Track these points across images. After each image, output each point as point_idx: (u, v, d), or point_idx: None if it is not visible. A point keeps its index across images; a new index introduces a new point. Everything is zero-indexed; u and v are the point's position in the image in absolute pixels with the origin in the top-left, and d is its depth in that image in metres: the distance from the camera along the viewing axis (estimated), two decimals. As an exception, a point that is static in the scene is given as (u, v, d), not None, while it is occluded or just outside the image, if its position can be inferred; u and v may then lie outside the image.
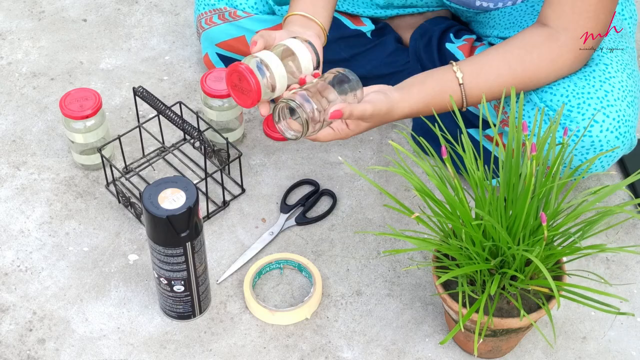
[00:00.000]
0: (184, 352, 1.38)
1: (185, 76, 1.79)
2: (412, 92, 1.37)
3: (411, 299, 1.45)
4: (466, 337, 1.35)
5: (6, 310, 1.43)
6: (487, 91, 1.39)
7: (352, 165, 1.61)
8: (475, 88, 1.38)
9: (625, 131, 1.41)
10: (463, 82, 1.38)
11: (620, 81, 1.42)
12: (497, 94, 1.40)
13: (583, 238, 1.23)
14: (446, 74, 1.39)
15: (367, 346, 1.39)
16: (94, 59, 1.82)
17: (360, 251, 1.51)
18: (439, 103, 1.38)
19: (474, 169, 1.25)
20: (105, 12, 1.92)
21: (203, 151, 1.54)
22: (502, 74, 1.38)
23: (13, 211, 1.56)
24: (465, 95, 1.39)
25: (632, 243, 1.52)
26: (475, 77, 1.38)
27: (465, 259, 1.25)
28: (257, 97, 1.31)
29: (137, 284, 1.46)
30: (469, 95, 1.39)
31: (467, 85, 1.38)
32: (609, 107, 1.40)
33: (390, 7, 1.68)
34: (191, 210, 1.26)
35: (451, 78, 1.38)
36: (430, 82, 1.38)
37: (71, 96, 1.55)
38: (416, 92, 1.37)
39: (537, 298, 1.28)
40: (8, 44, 1.85)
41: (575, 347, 1.40)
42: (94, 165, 1.60)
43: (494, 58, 1.39)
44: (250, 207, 1.57)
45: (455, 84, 1.38)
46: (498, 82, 1.38)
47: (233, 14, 1.67)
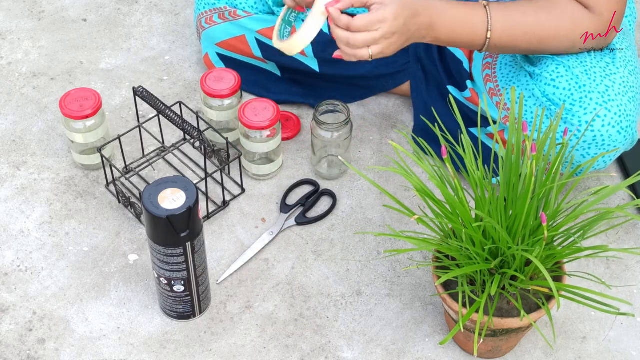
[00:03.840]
0: (184, 352, 1.38)
1: (185, 76, 1.78)
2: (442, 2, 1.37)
3: (411, 299, 1.45)
4: (466, 337, 1.35)
5: (6, 310, 1.43)
6: (510, 29, 1.38)
7: (352, 165, 1.61)
8: (500, 18, 1.37)
9: (627, 126, 1.41)
10: (488, 5, 1.37)
11: (622, 77, 1.42)
12: (518, 37, 1.39)
13: (583, 238, 1.23)
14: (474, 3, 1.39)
15: (367, 346, 1.39)
16: (94, 59, 1.82)
17: (360, 251, 1.51)
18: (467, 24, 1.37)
19: (474, 169, 1.25)
20: (105, 12, 1.92)
21: (203, 151, 1.54)
22: (527, 13, 1.37)
23: (13, 211, 1.56)
24: (490, 21, 1.37)
25: (632, 243, 1.52)
26: (502, 8, 1.37)
27: (465, 259, 1.25)
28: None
29: (137, 284, 1.46)
30: (494, 21, 1.37)
31: (493, 10, 1.37)
32: (611, 102, 1.40)
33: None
34: (191, 210, 1.26)
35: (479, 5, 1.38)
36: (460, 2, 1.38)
37: (71, 96, 1.55)
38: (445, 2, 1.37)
39: (537, 298, 1.28)
40: (8, 44, 1.85)
41: (575, 347, 1.39)
42: (94, 165, 1.60)
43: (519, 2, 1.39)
44: (250, 207, 1.57)
45: (481, 8, 1.37)
46: (522, 22, 1.37)
47: (233, 14, 1.67)
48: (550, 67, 1.43)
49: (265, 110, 1.54)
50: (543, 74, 1.44)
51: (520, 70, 1.50)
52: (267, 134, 1.54)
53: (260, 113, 1.53)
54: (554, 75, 1.43)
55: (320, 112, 1.56)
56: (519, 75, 1.50)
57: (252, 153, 1.57)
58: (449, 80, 1.62)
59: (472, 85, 1.58)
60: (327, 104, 1.56)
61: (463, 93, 1.59)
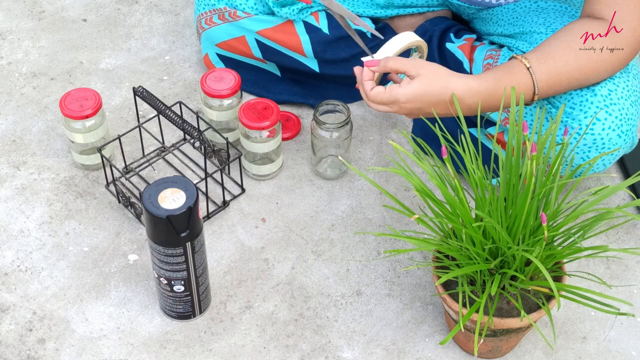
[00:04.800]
0: (184, 352, 1.38)
1: (185, 76, 1.79)
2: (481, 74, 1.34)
3: (411, 299, 1.45)
4: (466, 337, 1.35)
5: (6, 310, 1.43)
6: (556, 79, 1.35)
7: (352, 165, 1.61)
8: (544, 73, 1.35)
9: (627, 130, 1.41)
10: (531, 66, 1.34)
11: (626, 81, 1.42)
12: (564, 82, 1.36)
13: (583, 238, 1.23)
14: (512, 63, 1.36)
15: (367, 346, 1.39)
16: (94, 59, 1.82)
17: (360, 251, 1.51)
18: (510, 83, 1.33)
19: (474, 169, 1.25)
20: (105, 12, 1.92)
21: (203, 151, 1.54)
22: (569, 62, 1.35)
23: (13, 211, 1.56)
24: (535, 80, 1.34)
25: (632, 243, 1.52)
26: (543, 62, 1.35)
27: (465, 259, 1.25)
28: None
29: (137, 284, 1.46)
30: (538, 80, 1.34)
31: (537, 71, 1.34)
32: (612, 106, 1.40)
33: (390, 6, 1.68)
34: (191, 210, 1.26)
35: (518, 64, 1.35)
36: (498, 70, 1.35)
37: (71, 96, 1.55)
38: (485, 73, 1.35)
39: (537, 298, 1.28)
40: (8, 44, 1.85)
41: (575, 347, 1.39)
42: (94, 165, 1.60)
43: (558, 46, 1.36)
44: (250, 207, 1.57)
45: (523, 69, 1.34)
46: (566, 70, 1.35)
47: (233, 14, 1.67)
48: None
49: (265, 110, 1.54)
50: None
51: None
52: (267, 134, 1.54)
53: (260, 113, 1.53)
54: None
55: (320, 112, 1.56)
56: None
57: (252, 153, 1.57)
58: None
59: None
60: (327, 104, 1.56)
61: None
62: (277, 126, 1.55)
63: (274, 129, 1.54)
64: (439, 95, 1.31)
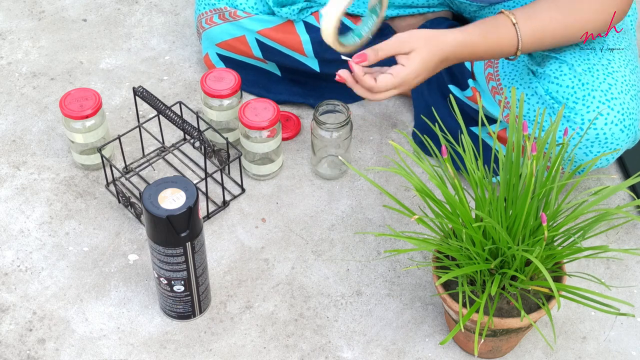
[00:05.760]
0: (184, 352, 1.38)
1: (185, 76, 1.79)
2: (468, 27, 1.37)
3: (411, 299, 1.45)
4: (466, 337, 1.35)
5: (6, 310, 1.43)
6: (541, 35, 1.38)
7: (352, 165, 1.61)
8: (529, 30, 1.38)
9: (629, 124, 1.41)
10: (517, 22, 1.37)
11: (624, 75, 1.42)
12: (548, 39, 1.39)
13: (583, 238, 1.23)
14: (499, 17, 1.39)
15: (367, 346, 1.39)
16: (94, 59, 1.82)
17: (360, 251, 1.51)
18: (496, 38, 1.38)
19: (474, 169, 1.25)
20: (105, 12, 1.92)
21: (203, 151, 1.54)
22: (555, 18, 1.38)
23: (13, 211, 1.56)
24: (520, 36, 1.37)
25: (632, 243, 1.52)
26: (528, 19, 1.38)
27: (465, 259, 1.25)
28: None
29: (137, 284, 1.46)
30: (523, 36, 1.37)
31: (522, 26, 1.37)
32: (613, 100, 1.40)
33: (391, 7, 1.68)
34: (191, 210, 1.26)
35: (504, 20, 1.38)
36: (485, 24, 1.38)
37: (71, 96, 1.55)
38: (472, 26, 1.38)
39: (537, 298, 1.28)
40: (8, 44, 1.85)
41: (575, 347, 1.39)
42: (94, 165, 1.60)
43: (544, 4, 1.39)
44: (250, 207, 1.57)
45: (509, 24, 1.38)
46: (550, 29, 1.38)
47: (233, 14, 1.67)
48: (553, 65, 1.44)
49: (265, 110, 1.54)
50: (546, 72, 1.44)
51: (523, 68, 1.50)
52: (267, 134, 1.54)
53: (260, 113, 1.53)
54: (557, 73, 1.43)
55: (320, 112, 1.56)
56: (522, 73, 1.50)
57: (252, 153, 1.57)
58: (450, 79, 1.62)
59: (474, 84, 1.58)
60: (327, 104, 1.56)
61: (465, 92, 1.59)
62: (277, 126, 1.55)
63: (274, 129, 1.54)
64: (439, 56, 1.34)
